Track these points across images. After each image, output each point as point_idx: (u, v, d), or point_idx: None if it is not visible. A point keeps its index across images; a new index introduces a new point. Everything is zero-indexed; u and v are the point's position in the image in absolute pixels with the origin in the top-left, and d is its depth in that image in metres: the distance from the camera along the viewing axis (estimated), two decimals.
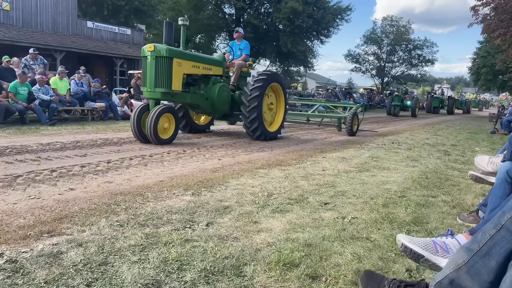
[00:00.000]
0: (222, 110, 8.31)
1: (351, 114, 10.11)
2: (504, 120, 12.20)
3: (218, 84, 8.11)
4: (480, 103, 45.55)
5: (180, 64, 7.10)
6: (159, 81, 6.88)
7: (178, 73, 7.10)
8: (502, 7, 19.95)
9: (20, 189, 3.58)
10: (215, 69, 8.13)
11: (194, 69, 7.55)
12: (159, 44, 7.07)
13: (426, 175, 4.97)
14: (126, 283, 1.90)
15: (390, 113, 23.01)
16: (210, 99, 7.97)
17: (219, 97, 7.99)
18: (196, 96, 7.78)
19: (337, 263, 2.23)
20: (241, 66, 8.79)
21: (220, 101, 8.06)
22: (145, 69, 6.99)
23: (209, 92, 7.96)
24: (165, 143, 6.84)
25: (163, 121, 6.90)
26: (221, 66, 8.35)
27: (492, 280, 1.37)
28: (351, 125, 9.93)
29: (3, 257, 2.10)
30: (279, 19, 37.30)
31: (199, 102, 7.85)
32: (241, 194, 3.66)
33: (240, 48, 9.19)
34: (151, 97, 7.04)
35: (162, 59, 6.86)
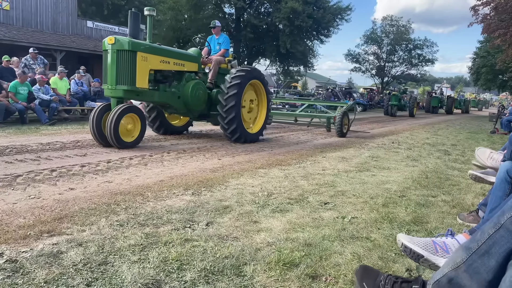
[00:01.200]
0: (197, 110, 7.65)
1: (341, 113, 9.51)
2: (504, 119, 12.20)
3: (192, 81, 7.45)
4: (479, 103, 45.43)
5: (145, 59, 6.46)
6: (121, 78, 6.22)
7: (144, 68, 6.47)
8: (502, 7, 19.94)
9: (20, 188, 3.58)
10: (189, 65, 7.49)
11: (163, 64, 6.91)
12: (121, 36, 6.48)
13: (426, 175, 4.97)
14: (126, 283, 1.90)
15: (387, 113, 22.51)
16: (183, 97, 7.32)
17: (193, 96, 7.33)
18: (166, 94, 7.11)
19: (337, 262, 2.23)
20: (219, 61, 8.08)
21: (195, 100, 7.39)
22: (106, 64, 6.34)
23: (181, 90, 7.31)
24: (128, 147, 6.19)
25: (126, 121, 6.23)
26: (196, 62, 7.71)
27: (491, 280, 1.37)
28: (340, 125, 9.36)
29: (3, 257, 2.10)
30: (279, 19, 37.29)
31: (169, 101, 7.19)
32: (241, 194, 3.66)
33: (219, 42, 8.47)
34: (112, 95, 6.38)
35: (124, 53, 6.21)
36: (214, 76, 7.96)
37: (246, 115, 7.87)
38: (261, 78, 8.16)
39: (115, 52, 6.21)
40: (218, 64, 8.07)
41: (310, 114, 11.33)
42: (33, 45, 14.40)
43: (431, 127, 14.49)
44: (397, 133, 11.19)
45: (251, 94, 8.05)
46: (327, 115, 10.46)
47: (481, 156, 3.08)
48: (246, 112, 7.86)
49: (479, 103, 44.98)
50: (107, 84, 6.32)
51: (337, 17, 40.11)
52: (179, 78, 7.42)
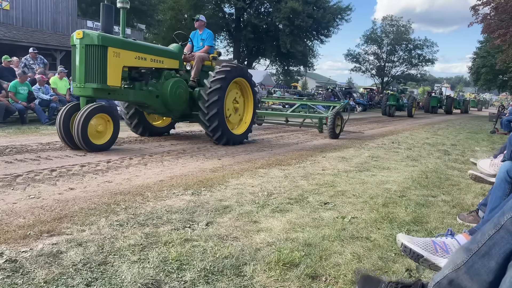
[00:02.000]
0: (178, 109, 7.14)
1: (333, 114, 9.02)
2: (504, 119, 12.20)
3: (172, 79, 6.94)
4: (479, 103, 45.33)
5: (118, 55, 5.98)
6: (90, 75, 5.77)
7: (116, 65, 5.99)
8: (503, 7, 19.94)
9: (20, 188, 3.58)
10: (168, 62, 6.99)
11: (138, 61, 6.40)
12: (90, 30, 6.07)
13: (426, 175, 4.97)
14: (126, 283, 1.90)
15: (385, 113, 21.88)
16: (162, 97, 6.82)
17: (172, 95, 6.83)
18: (142, 93, 6.61)
19: (337, 262, 2.23)
20: (202, 58, 7.52)
21: (175, 99, 6.89)
22: (74, 61, 5.87)
23: (160, 88, 6.81)
24: (99, 150, 5.72)
25: (96, 122, 5.78)
26: (177, 59, 7.19)
27: (492, 281, 1.37)
28: (332, 126, 8.87)
29: (3, 257, 2.10)
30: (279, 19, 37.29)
31: (147, 100, 6.69)
32: (241, 194, 3.66)
33: (203, 38, 7.89)
34: (81, 94, 5.92)
35: (93, 48, 5.75)
36: (197, 74, 7.45)
37: (230, 115, 7.37)
38: (247, 76, 7.67)
39: (84, 47, 5.75)
40: (202, 61, 7.55)
41: (301, 115, 10.78)
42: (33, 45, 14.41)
43: (431, 127, 14.49)
44: (397, 133, 11.19)
45: (236, 93, 7.57)
46: (319, 115, 9.92)
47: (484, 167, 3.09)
48: (230, 112, 7.37)
49: (479, 103, 44.88)
50: (76, 82, 5.89)
51: (337, 17, 40.12)
52: (157, 76, 6.97)
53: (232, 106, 7.43)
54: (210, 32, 7.96)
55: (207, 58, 7.70)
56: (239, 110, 7.63)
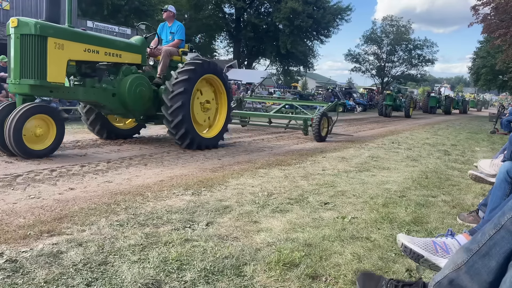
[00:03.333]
0: (139, 110, 6.41)
1: (319, 114, 8.33)
2: (504, 120, 12.20)
3: (132, 75, 6.16)
4: (478, 103, 45.24)
5: (61, 47, 5.21)
6: (26, 70, 5.03)
7: (58, 58, 5.23)
8: (503, 7, 19.95)
9: (20, 188, 3.58)
10: (128, 56, 6.24)
11: (88, 54, 5.61)
12: (26, 18, 5.25)
13: (426, 175, 4.97)
14: (126, 283, 1.90)
15: (382, 114, 21.32)
16: (120, 95, 6.07)
17: (132, 93, 6.06)
18: (95, 91, 5.82)
19: (337, 263, 2.23)
20: (170, 53, 6.77)
21: (135, 99, 6.13)
22: (9, 53, 5.13)
23: (117, 86, 6.06)
24: (38, 157, 4.97)
25: (34, 125, 5.01)
26: (139, 53, 6.45)
27: (492, 280, 1.37)
28: (318, 128, 8.19)
29: (3, 257, 2.10)
30: (279, 19, 37.30)
31: (100, 99, 5.91)
32: (241, 194, 3.66)
33: (172, 31, 7.16)
34: (16, 91, 5.20)
35: (30, 38, 5.00)
36: (164, 70, 6.70)
37: (200, 116, 6.67)
38: (219, 72, 6.92)
39: (19, 38, 4.99)
40: (169, 55, 6.79)
41: (284, 115, 10.08)
42: None
43: (431, 127, 14.50)
44: (397, 133, 11.19)
45: (207, 92, 6.85)
46: (304, 116, 9.12)
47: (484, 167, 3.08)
48: (200, 113, 6.68)
49: (478, 103, 44.80)
50: (11, 78, 5.14)
51: (337, 17, 40.13)
52: (115, 72, 6.22)
53: (202, 106, 6.72)
54: (180, 25, 7.22)
55: (176, 53, 6.98)
56: (210, 110, 6.91)
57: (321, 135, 8.31)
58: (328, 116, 8.69)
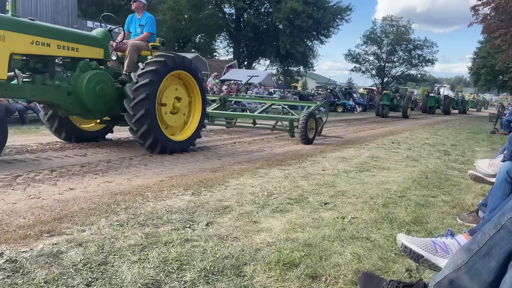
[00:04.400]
0: (100, 110, 5.78)
1: (306, 115, 7.73)
2: (504, 120, 12.19)
3: (91, 72, 5.55)
4: (478, 103, 45.14)
5: (2, 38, 4.67)
6: None
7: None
8: (503, 7, 19.97)
9: (20, 188, 3.58)
10: (86, 50, 5.64)
11: (37, 47, 5.00)
12: None
13: (426, 175, 4.97)
14: (126, 283, 1.90)
15: (379, 114, 20.51)
16: (76, 93, 5.45)
17: (90, 91, 5.45)
18: (46, 89, 5.20)
19: (337, 263, 2.23)
20: (137, 47, 6.17)
21: (94, 97, 5.51)
22: None
23: (74, 83, 5.44)
24: None
25: None
26: (100, 46, 5.88)
27: (492, 281, 1.37)
28: (304, 130, 7.62)
29: (3, 257, 2.10)
30: (279, 19, 37.30)
31: (52, 98, 5.29)
32: (241, 194, 3.66)
33: (141, 24, 6.53)
34: None
35: None
36: (131, 67, 6.08)
37: (169, 117, 6.04)
38: (191, 69, 6.30)
39: None
40: (137, 50, 6.18)
41: (269, 116, 9.38)
42: None
43: (431, 127, 14.50)
44: (397, 133, 11.20)
45: (179, 90, 6.20)
46: (290, 117, 8.50)
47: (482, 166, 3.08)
48: (169, 113, 6.04)
49: (478, 104, 44.69)
50: None
51: (337, 17, 40.14)
52: (71, 68, 5.61)
53: (172, 106, 6.09)
54: (150, 16, 6.59)
55: (145, 47, 6.35)
56: (181, 111, 6.25)
57: (307, 137, 7.73)
58: (315, 117, 8.14)
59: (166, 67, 5.79)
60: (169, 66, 5.85)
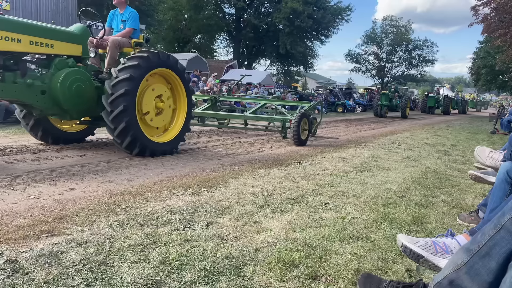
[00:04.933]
0: (77, 110, 5.45)
1: (298, 116, 7.44)
2: (504, 120, 12.19)
3: (66, 69, 5.21)
4: (478, 103, 45.03)
5: None
6: None
7: None
8: (503, 7, 19.97)
9: (20, 189, 3.58)
10: (62, 47, 5.35)
11: (6, 43, 4.70)
12: None
13: (426, 175, 4.97)
14: (126, 283, 1.90)
15: (377, 114, 20.21)
16: (51, 93, 5.14)
17: (65, 90, 5.12)
18: (16, 88, 4.87)
19: (337, 263, 2.23)
20: (118, 44, 5.77)
21: (70, 97, 5.18)
22: None
23: (48, 82, 5.13)
24: None
25: None
26: (78, 43, 5.59)
27: (492, 281, 1.37)
28: (297, 131, 7.33)
29: (3, 257, 2.10)
30: (279, 19, 37.30)
31: (23, 97, 4.98)
32: (241, 194, 3.66)
33: (123, 19, 6.12)
34: None
35: None
36: (112, 64, 5.68)
37: (151, 117, 5.71)
38: (175, 67, 5.92)
39: None
40: (118, 47, 5.78)
41: (261, 117, 9.05)
42: None
43: (431, 127, 14.50)
44: (397, 134, 11.20)
45: (161, 88, 5.84)
46: (282, 117, 8.15)
47: (481, 154, 3.07)
48: (150, 113, 5.69)
49: (478, 104, 44.59)
50: None
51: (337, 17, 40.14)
52: (46, 65, 5.29)
53: (154, 105, 5.73)
54: (133, 11, 6.17)
55: (127, 44, 5.93)
56: (165, 111, 5.89)
57: (300, 138, 7.44)
58: (309, 117, 7.84)
59: (149, 64, 5.47)
60: (153, 63, 5.53)
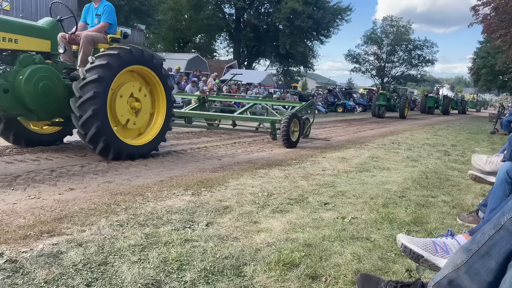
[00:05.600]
0: (44, 110, 5.09)
1: (288, 116, 7.10)
2: (504, 120, 12.18)
3: (32, 66, 4.83)
4: (477, 103, 44.96)
5: None
6: None
7: None
8: (503, 7, 19.97)
9: (20, 189, 3.58)
10: (28, 42, 4.99)
11: None
12: None
13: (426, 175, 4.97)
14: (126, 283, 1.90)
15: (375, 115, 19.98)
16: (14, 92, 4.74)
17: (31, 89, 4.74)
18: None
19: (337, 263, 2.23)
20: (92, 39, 5.41)
21: (36, 96, 4.79)
22: None
23: (12, 80, 4.73)
24: None
25: None
26: (46, 38, 5.22)
27: (492, 281, 1.37)
28: (287, 132, 7.01)
29: (3, 257, 2.10)
30: (279, 19, 37.32)
31: None
32: (241, 194, 3.66)
33: (98, 13, 5.73)
34: None
35: None
36: (86, 61, 5.25)
37: (126, 118, 5.31)
38: (151, 63, 5.50)
39: None
40: (91, 43, 5.41)
41: (249, 117, 8.58)
42: None
43: (431, 127, 14.50)
44: (397, 134, 11.20)
45: (137, 87, 5.44)
46: (271, 118, 7.70)
47: (479, 162, 3.08)
48: (126, 115, 5.31)
49: (477, 104, 44.52)
50: None
51: (337, 18, 40.16)
52: (10, 62, 4.89)
53: (129, 106, 5.34)
54: (108, 5, 5.75)
55: (102, 40, 5.56)
56: (142, 111, 5.51)
57: (290, 140, 7.12)
58: (300, 118, 7.49)
59: (120, 62, 5.08)
60: (124, 60, 5.14)
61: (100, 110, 4.86)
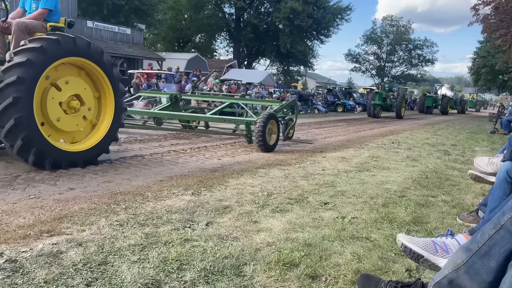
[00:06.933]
0: None
1: (264, 117, 6.35)
2: (504, 120, 12.19)
3: None
4: (477, 103, 44.83)
5: None
6: None
7: None
8: (503, 7, 19.95)
9: (20, 188, 3.58)
10: None
11: None
12: None
13: (426, 175, 4.97)
14: (126, 283, 1.90)
15: (370, 115, 19.11)
16: None
17: None
18: None
19: (337, 263, 2.23)
20: (25, 27, 4.65)
21: None
22: None
23: None
24: None
25: None
26: None
27: (492, 281, 1.37)
28: (262, 135, 6.23)
29: (3, 257, 2.10)
30: (279, 19, 37.32)
31: None
32: (241, 194, 3.66)
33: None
34: None
35: None
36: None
37: (64, 121, 4.58)
38: (98, 59, 4.80)
39: None
40: (25, 31, 4.65)
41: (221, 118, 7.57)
42: None
43: (431, 127, 14.50)
44: (397, 133, 11.19)
45: (78, 85, 4.72)
46: (246, 119, 7.02)
47: (481, 164, 3.08)
48: (62, 116, 4.56)
49: (477, 103, 44.36)
50: None
51: (337, 17, 40.16)
52: None
53: (66, 105, 4.61)
54: None
55: (40, 28, 4.81)
56: (83, 111, 4.78)
57: (266, 143, 6.35)
58: (277, 119, 6.79)
59: (46, 56, 4.25)
60: (64, 50, 4.41)
61: (22, 99, 4.07)
